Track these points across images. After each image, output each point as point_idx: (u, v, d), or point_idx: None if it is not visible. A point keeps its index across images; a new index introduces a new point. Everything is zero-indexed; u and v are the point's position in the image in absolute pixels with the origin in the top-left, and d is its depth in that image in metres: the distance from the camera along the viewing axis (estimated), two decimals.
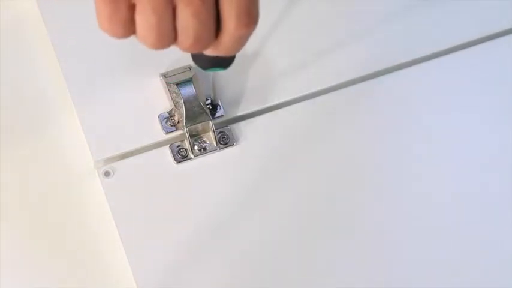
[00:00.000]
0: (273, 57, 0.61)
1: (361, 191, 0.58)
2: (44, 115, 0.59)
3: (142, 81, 0.59)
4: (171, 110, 0.58)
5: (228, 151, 0.58)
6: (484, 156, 0.60)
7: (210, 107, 0.58)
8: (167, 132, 0.57)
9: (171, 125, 0.57)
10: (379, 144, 0.60)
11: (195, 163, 0.57)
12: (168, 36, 0.36)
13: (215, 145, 0.57)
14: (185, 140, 0.57)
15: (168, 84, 0.57)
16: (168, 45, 0.37)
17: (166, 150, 0.57)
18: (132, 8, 0.35)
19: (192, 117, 0.55)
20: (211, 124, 0.57)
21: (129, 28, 0.36)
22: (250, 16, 0.36)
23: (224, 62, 0.45)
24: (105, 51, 0.59)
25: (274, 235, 0.56)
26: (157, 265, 0.54)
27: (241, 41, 0.38)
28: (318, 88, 0.61)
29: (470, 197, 0.58)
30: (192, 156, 0.57)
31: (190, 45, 0.36)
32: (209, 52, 0.38)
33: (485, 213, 0.58)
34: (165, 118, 0.58)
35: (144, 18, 0.35)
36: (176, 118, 0.57)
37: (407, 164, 0.59)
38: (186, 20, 0.35)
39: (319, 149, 0.59)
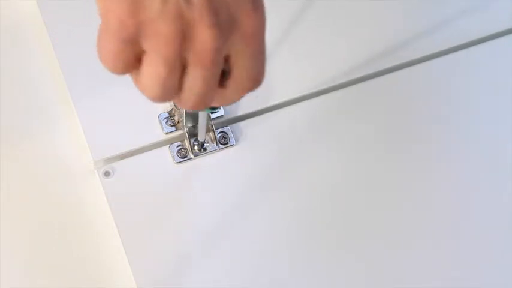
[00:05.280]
0: (273, 57, 0.61)
1: (362, 191, 0.58)
2: (44, 115, 0.59)
3: None
4: (171, 110, 0.58)
5: (228, 151, 0.58)
6: (485, 154, 0.60)
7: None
8: (167, 132, 0.57)
9: (171, 125, 0.57)
10: (380, 144, 0.60)
11: (195, 163, 0.57)
12: (172, 91, 0.35)
13: (215, 145, 0.57)
14: (185, 140, 0.57)
15: None
16: (168, 100, 0.36)
17: (166, 150, 0.57)
18: (139, 53, 0.34)
19: (192, 117, 0.55)
20: (211, 124, 0.57)
21: (130, 70, 0.35)
22: (259, 77, 0.37)
23: None
24: None
25: (274, 235, 0.56)
26: (157, 265, 0.54)
27: (244, 94, 0.37)
28: (318, 88, 0.61)
29: (475, 196, 0.58)
30: (192, 156, 0.57)
31: (193, 104, 0.36)
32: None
33: (490, 213, 0.58)
34: (165, 118, 0.58)
35: (153, 68, 0.33)
36: (176, 118, 0.57)
37: (409, 163, 0.59)
38: (194, 80, 0.34)
39: (319, 148, 0.59)
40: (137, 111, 0.58)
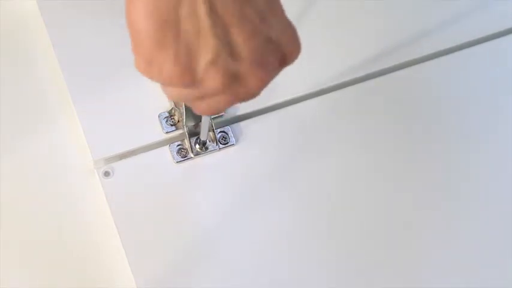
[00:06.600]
0: None
1: (363, 191, 0.58)
2: (44, 115, 0.59)
3: (142, 81, 0.58)
4: (171, 110, 0.58)
5: (228, 151, 0.58)
6: (485, 154, 0.60)
7: None
8: (167, 132, 0.57)
9: (171, 125, 0.57)
10: (380, 144, 0.60)
11: (195, 163, 0.57)
12: None
13: (215, 145, 0.57)
14: (185, 140, 0.57)
15: None
16: None
17: (166, 150, 0.57)
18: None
19: (192, 116, 0.55)
20: (211, 124, 0.57)
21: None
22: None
23: None
24: (105, 51, 0.59)
25: (274, 235, 0.56)
26: (157, 265, 0.54)
27: None
28: (318, 88, 0.61)
29: (475, 196, 0.58)
30: (192, 155, 0.57)
31: None
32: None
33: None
34: (165, 117, 0.58)
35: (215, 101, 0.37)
36: (176, 117, 0.57)
37: (409, 163, 0.59)
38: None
39: (320, 148, 0.59)
40: (137, 111, 0.58)
